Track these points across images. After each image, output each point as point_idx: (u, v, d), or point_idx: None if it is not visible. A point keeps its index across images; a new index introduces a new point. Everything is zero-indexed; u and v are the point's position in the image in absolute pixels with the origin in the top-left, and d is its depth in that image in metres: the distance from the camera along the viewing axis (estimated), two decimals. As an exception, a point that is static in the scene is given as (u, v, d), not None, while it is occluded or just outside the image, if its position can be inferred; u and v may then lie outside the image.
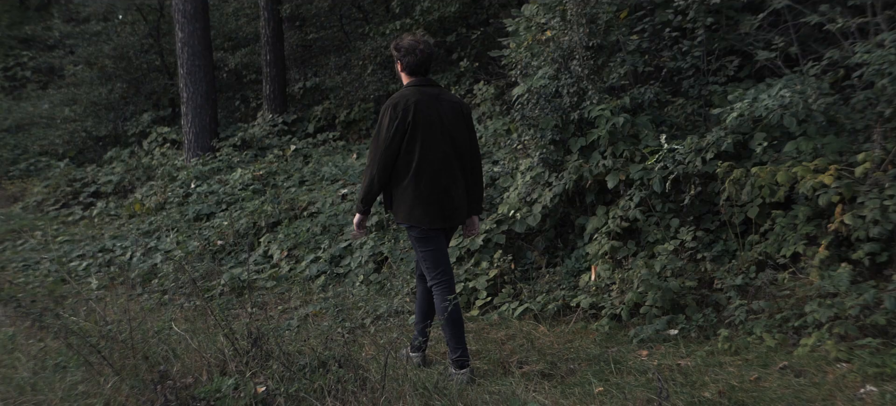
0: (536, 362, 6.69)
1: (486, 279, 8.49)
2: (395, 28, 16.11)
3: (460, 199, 6.62)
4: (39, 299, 9.03)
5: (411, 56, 6.57)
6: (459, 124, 6.62)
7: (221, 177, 15.28)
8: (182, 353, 6.24)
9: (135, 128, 21.24)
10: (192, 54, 17.10)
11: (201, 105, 17.22)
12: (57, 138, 22.17)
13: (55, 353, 6.96)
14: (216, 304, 6.45)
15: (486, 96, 13.23)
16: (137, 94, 22.77)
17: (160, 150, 18.69)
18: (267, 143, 17.22)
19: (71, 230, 15.39)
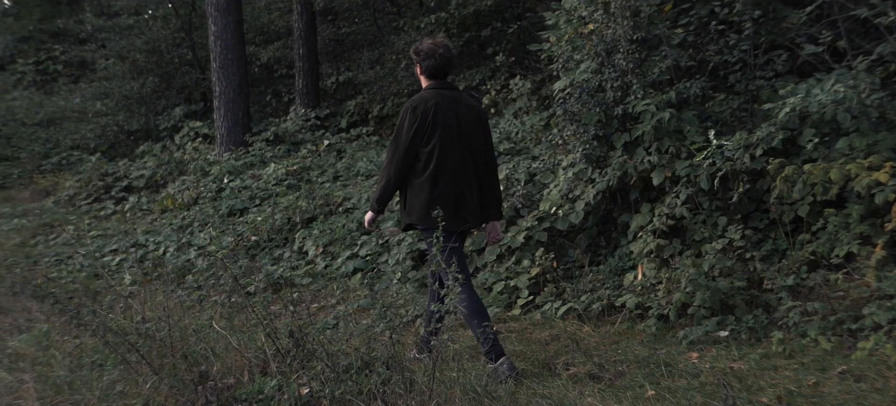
0: (583, 364, 6.50)
1: (527, 278, 8.31)
2: (430, 22, 15.95)
3: (475, 202, 6.63)
4: (76, 295, 8.91)
5: (430, 60, 6.62)
6: (477, 128, 6.67)
7: (254, 172, 15.18)
8: (221, 353, 6.10)
9: (166, 122, 21.19)
10: (224, 48, 17.01)
11: (234, 99, 17.13)
12: (89, 132, 22.15)
13: (91, 351, 6.84)
14: (258, 302, 6.27)
15: (522, 91, 13.09)
16: (169, 89, 22.71)
17: (192, 144, 18.61)
18: (300, 137, 17.11)
19: (103, 225, 15.33)
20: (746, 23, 8.28)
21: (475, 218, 6.66)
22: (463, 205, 6.53)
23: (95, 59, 24.81)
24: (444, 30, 16.25)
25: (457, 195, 6.50)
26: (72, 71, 28.67)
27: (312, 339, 5.56)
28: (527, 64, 14.59)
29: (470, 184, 6.58)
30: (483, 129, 6.73)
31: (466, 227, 6.67)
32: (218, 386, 5.25)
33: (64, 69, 28.83)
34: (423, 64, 6.67)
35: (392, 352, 5.42)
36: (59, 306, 6.24)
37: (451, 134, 6.47)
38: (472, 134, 6.60)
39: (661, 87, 8.65)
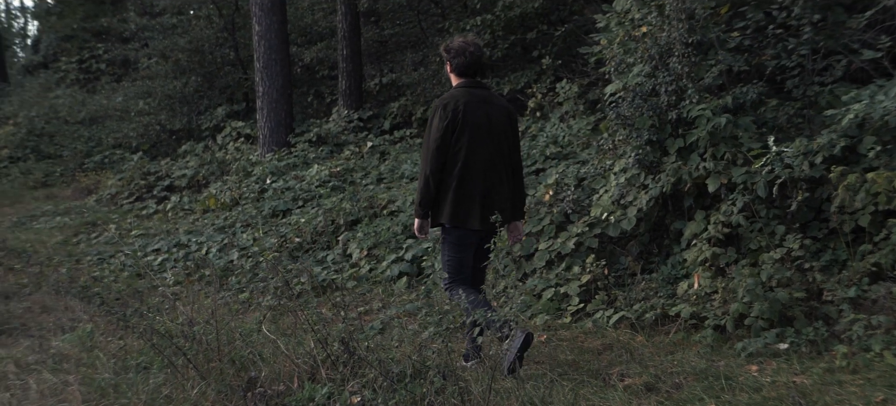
0: (639, 375, 6.31)
1: (578, 285, 8.13)
2: (476, 24, 15.81)
3: (503, 202, 6.63)
4: (123, 296, 8.84)
5: (460, 58, 6.63)
6: (506, 128, 6.69)
7: (297, 173, 15.09)
8: (269, 358, 5.97)
9: (209, 122, 21.16)
10: (268, 48, 16.95)
11: (277, 100, 17.07)
12: (131, 131, 22.19)
13: (136, 353, 6.75)
14: (309, 306, 6.15)
15: (568, 95, 12.92)
16: (212, 88, 22.70)
17: (234, 144, 18.57)
18: (343, 139, 17.02)
19: (145, 224, 15.30)
20: (805, 27, 8.09)
21: (503, 217, 6.49)
22: (490, 204, 6.50)
23: (138, 58, 24.87)
24: (489, 32, 16.11)
25: (484, 195, 6.51)
26: (114, 70, 28.76)
27: (363, 346, 5.41)
28: (574, 67, 14.41)
29: (500, 183, 6.61)
30: (512, 129, 6.76)
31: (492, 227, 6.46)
32: (267, 393, 5.12)
33: (107, 68, 28.92)
34: (453, 62, 6.68)
35: (445, 359, 5.25)
36: (106, 307, 6.14)
37: (481, 132, 6.48)
38: (501, 133, 6.62)
39: (716, 92, 8.46)
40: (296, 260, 11.11)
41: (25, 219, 17.42)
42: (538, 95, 13.96)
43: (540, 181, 10.55)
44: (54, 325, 8.46)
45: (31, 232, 15.89)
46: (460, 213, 6.47)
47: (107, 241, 14.32)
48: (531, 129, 13.29)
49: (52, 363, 6.91)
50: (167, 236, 13.80)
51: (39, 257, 12.92)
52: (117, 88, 25.83)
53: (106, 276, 11.27)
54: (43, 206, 18.82)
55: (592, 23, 9.87)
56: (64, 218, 16.90)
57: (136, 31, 24.71)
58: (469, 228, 6.54)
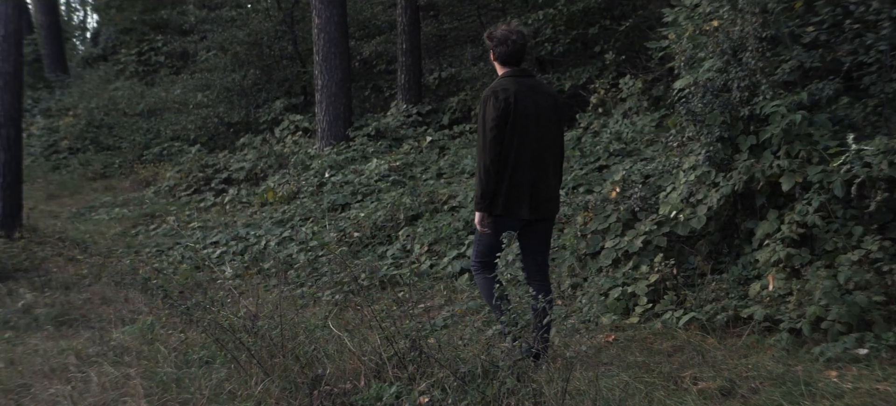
0: (713, 379, 6.12)
1: (646, 284, 7.92)
2: (537, 19, 15.62)
3: (551, 191, 6.69)
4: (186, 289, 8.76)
5: (503, 46, 6.60)
6: (553, 116, 6.69)
7: (356, 167, 14.98)
8: (333, 354, 5.84)
9: (267, 115, 21.11)
10: (328, 41, 16.86)
11: (336, 93, 16.97)
12: (189, 123, 22.19)
13: (198, 347, 6.65)
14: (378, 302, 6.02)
15: (632, 91, 12.71)
16: (270, 81, 22.66)
17: (292, 138, 18.50)
18: (401, 133, 16.88)
19: (203, 216, 15.26)
20: (884, 22, 7.83)
21: (552, 206, 6.72)
22: (537, 194, 6.53)
23: (197, 50, 24.90)
24: (550, 27, 15.93)
25: (532, 184, 6.50)
26: (173, 62, 28.83)
27: (431, 344, 5.26)
28: (637, 62, 14.20)
29: (547, 172, 6.62)
30: (559, 117, 6.77)
31: (539, 216, 6.62)
32: (333, 391, 4.99)
33: (165, 60, 29.01)
34: (496, 50, 6.65)
35: (516, 359, 5.08)
36: (169, 300, 6.04)
37: (530, 121, 6.46)
38: (549, 122, 6.62)
39: (791, 88, 8.21)
40: (355, 255, 11.00)
41: (85, 210, 17.48)
42: (600, 91, 13.75)
43: (604, 178, 10.38)
44: (115, 316, 8.41)
45: (91, 223, 15.93)
46: (511, 202, 6.45)
47: (165, 233, 14.31)
48: (593, 126, 13.09)
49: (113, 356, 6.84)
50: (225, 229, 13.75)
51: (99, 248, 12.92)
52: (176, 81, 25.84)
53: (165, 268, 11.23)
54: (102, 197, 18.88)
55: (658, 17, 9.67)
56: (122, 209, 16.94)
57: (195, 24, 24.70)
58: (516, 217, 6.52)
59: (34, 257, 11.10)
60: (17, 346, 7.63)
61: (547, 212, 6.70)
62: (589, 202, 9.26)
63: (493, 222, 6.52)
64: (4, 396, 6.28)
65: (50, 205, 18.42)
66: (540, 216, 6.63)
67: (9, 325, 8.39)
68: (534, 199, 6.51)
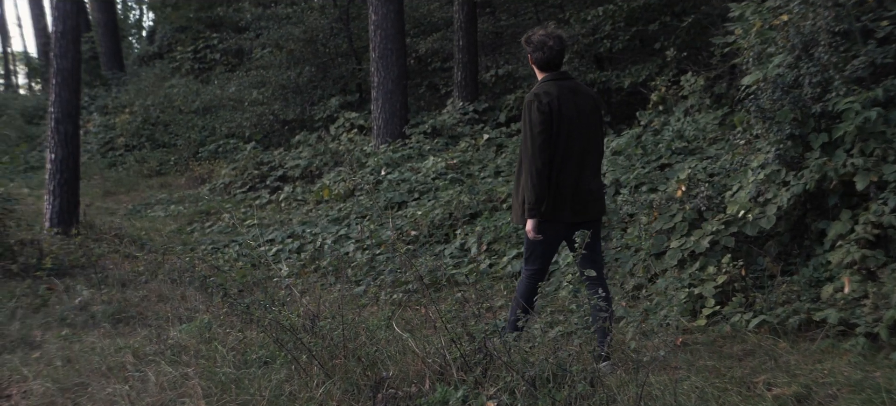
0: (787, 385, 5.89)
1: (713, 286, 7.70)
2: (597, 15, 15.41)
3: (596, 192, 6.67)
4: (246, 288, 8.65)
5: (541, 52, 6.59)
6: (594, 118, 6.66)
7: (413, 164, 14.85)
8: (396, 356, 5.69)
9: (322, 112, 21.04)
10: (384, 37, 16.74)
11: (392, 90, 16.84)
12: (244, 121, 22.17)
13: (256, 346, 6.52)
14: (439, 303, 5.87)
15: (694, 88, 12.47)
16: (325, 79, 22.59)
17: (347, 135, 18.40)
18: (458, 131, 16.73)
19: (258, 214, 15.19)
20: (961, 16, 7.57)
21: (598, 208, 6.70)
22: (581, 196, 6.52)
23: (252, 47, 24.89)
24: (610, 23, 15.71)
25: (575, 186, 6.49)
26: (228, 59, 28.88)
27: (497, 346, 5.09)
28: (699, 59, 13.94)
29: (592, 173, 6.62)
30: (599, 118, 6.73)
31: (585, 219, 6.56)
32: (398, 394, 4.83)
33: (221, 58, 29.07)
34: (534, 55, 6.64)
35: (587, 362, 4.90)
36: (228, 299, 5.91)
37: (574, 124, 6.45)
38: (590, 123, 6.59)
39: (863, 84, 7.94)
40: (413, 254, 10.86)
41: (140, 207, 17.51)
42: (661, 89, 13.51)
43: (667, 176, 10.17)
44: (171, 314, 8.30)
45: (146, 220, 15.94)
46: (556, 205, 6.44)
47: (220, 231, 14.27)
48: (654, 124, 12.86)
49: (171, 355, 6.72)
50: (281, 227, 13.68)
51: (155, 245, 12.88)
52: (231, 78, 25.86)
53: (221, 265, 11.16)
54: (157, 194, 18.92)
55: (721, 13, 9.45)
56: (178, 206, 16.95)
57: (250, 21, 24.68)
58: (562, 221, 6.50)
59: (91, 254, 11.05)
60: (74, 343, 7.54)
61: (593, 214, 6.67)
62: (653, 201, 9.05)
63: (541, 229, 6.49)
64: (62, 395, 6.20)
65: (106, 201, 18.48)
66: (585, 218, 6.57)
67: (66, 322, 8.33)
68: (577, 202, 6.50)
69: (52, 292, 9.46)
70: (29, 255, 10.60)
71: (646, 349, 5.17)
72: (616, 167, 10.88)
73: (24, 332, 7.99)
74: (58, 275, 10.14)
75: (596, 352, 6.11)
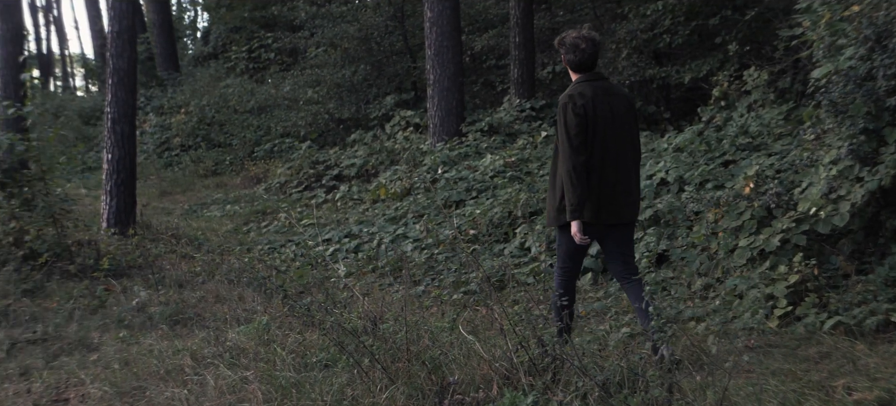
0: (869, 389, 5.63)
1: (785, 285, 7.44)
2: (657, 9, 15.16)
3: (631, 193, 6.58)
4: (306, 289, 8.53)
5: (573, 54, 6.52)
6: (630, 118, 6.61)
7: (470, 163, 14.67)
8: (459, 358, 5.52)
9: (377, 111, 20.95)
10: (440, 35, 16.58)
11: (448, 88, 16.68)
12: (299, 120, 22.15)
13: (317, 349, 6.38)
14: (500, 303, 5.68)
15: (758, 83, 12.18)
16: (380, 77, 22.50)
17: (403, 133, 18.27)
18: (515, 128, 16.53)
19: (314, 213, 15.10)
20: None
21: (633, 209, 6.61)
22: (617, 197, 6.44)
23: (307, 46, 24.85)
24: (669, 17, 15.44)
25: (613, 188, 6.42)
26: (283, 59, 28.90)
27: (571, 350, 4.90)
28: (762, 53, 13.64)
29: (627, 174, 6.54)
30: (633, 119, 6.66)
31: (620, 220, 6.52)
32: (465, 400, 4.66)
33: (275, 57, 29.08)
34: (566, 57, 6.59)
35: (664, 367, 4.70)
36: (289, 300, 5.78)
37: (608, 125, 6.40)
38: (627, 124, 6.54)
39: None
40: (473, 253, 10.68)
41: (197, 206, 17.53)
42: (724, 84, 13.22)
43: (732, 173, 9.92)
44: (229, 315, 8.21)
45: (203, 220, 15.92)
46: (594, 207, 6.34)
47: (277, 230, 14.21)
48: (716, 120, 12.58)
49: (229, 357, 6.61)
50: (338, 226, 13.58)
51: (211, 245, 12.82)
52: (285, 77, 25.87)
53: (278, 265, 11.07)
54: (213, 194, 18.93)
55: (784, 6, 9.18)
56: (234, 206, 16.93)
57: (304, 20, 24.64)
58: (600, 223, 6.42)
59: (148, 254, 11.01)
60: (131, 345, 7.47)
61: (629, 215, 6.60)
62: (720, 198, 8.81)
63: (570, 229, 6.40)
64: (119, 399, 6.11)
65: (163, 202, 18.52)
66: (622, 220, 6.54)
67: (123, 323, 8.27)
68: (615, 204, 6.42)
69: (110, 293, 9.42)
70: (86, 256, 10.58)
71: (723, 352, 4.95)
72: (679, 164, 10.63)
73: (81, 334, 7.94)
74: (115, 275, 10.10)
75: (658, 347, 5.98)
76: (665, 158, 11.03)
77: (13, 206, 10.60)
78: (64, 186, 13.96)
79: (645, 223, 9.35)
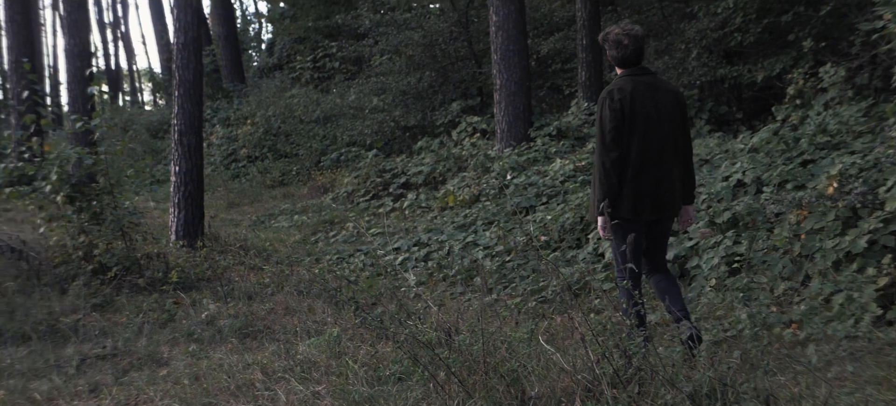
0: (973, 399, 5.36)
1: (874, 289, 7.14)
2: (728, 7, 14.83)
3: (674, 190, 6.54)
4: (378, 300, 8.36)
5: (615, 50, 6.51)
6: (675, 113, 6.52)
7: (539, 168, 14.44)
8: (539, 371, 5.30)
9: (443, 117, 20.81)
10: (506, 39, 16.36)
11: (515, 92, 16.46)
12: (365, 128, 22.09)
13: (390, 362, 6.20)
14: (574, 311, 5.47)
15: (834, 79, 11.83)
16: (445, 83, 22.37)
17: (470, 140, 18.09)
18: (584, 132, 16.28)
19: (382, 222, 14.96)
20: None
21: (675, 206, 6.57)
22: (660, 194, 6.41)
23: (371, 54, 24.79)
24: (741, 15, 15.11)
25: (655, 184, 6.39)
26: (347, 67, 28.90)
27: (659, 359, 4.68)
28: (838, 49, 13.28)
29: (670, 171, 6.48)
30: (681, 114, 6.58)
31: (662, 216, 6.51)
32: (549, 415, 4.45)
33: (340, 66, 29.09)
34: (610, 53, 6.59)
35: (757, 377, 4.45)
36: (362, 313, 5.60)
37: (650, 120, 6.35)
38: (669, 119, 6.45)
39: None
40: (542, 260, 10.46)
41: (264, 217, 17.48)
42: (799, 81, 12.88)
43: (811, 173, 9.59)
44: (299, 327, 8.07)
45: (271, 230, 15.85)
46: (636, 204, 6.33)
47: (345, 240, 14.09)
48: (792, 118, 12.25)
49: (300, 371, 6.45)
50: (406, 234, 13.42)
51: (280, 256, 12.73)
52: (350, 86, 25.86)
53: (347, 275, 10.93)
54: (281, 204, 18.89)
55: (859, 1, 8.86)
56: (302, 216, 16.85)
57: (368, 28, 24.60)
58: (642, 220, 6.41)
59: (216, 266, 10.93)
60: (201, 359, 7.35)
61: (670, 211, 6.56)
62: (801, 199, 8.51)
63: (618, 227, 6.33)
64: (190, 416, 5.98)
65: (230, 213, 18.50)
66: (662, 216, 6.52)
67: (193, 337, 8.16)
68: (657, 200, 6.40)
69: (179, 306, 9.34)
70: (155, 269, 10.54)
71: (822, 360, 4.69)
72: (756, 164, 10.32)
73: (151, 349, 7.85)
74: (184, 288, 10.03)
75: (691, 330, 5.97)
76: (741, 159, 10.73)
77: (82, 220, 10.60)
78: (132, 199, 13.97)
79: (723, 226, 9.07)
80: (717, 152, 12.17)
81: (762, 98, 15.91)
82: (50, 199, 10.59)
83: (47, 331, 8.44)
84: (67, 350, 7.88)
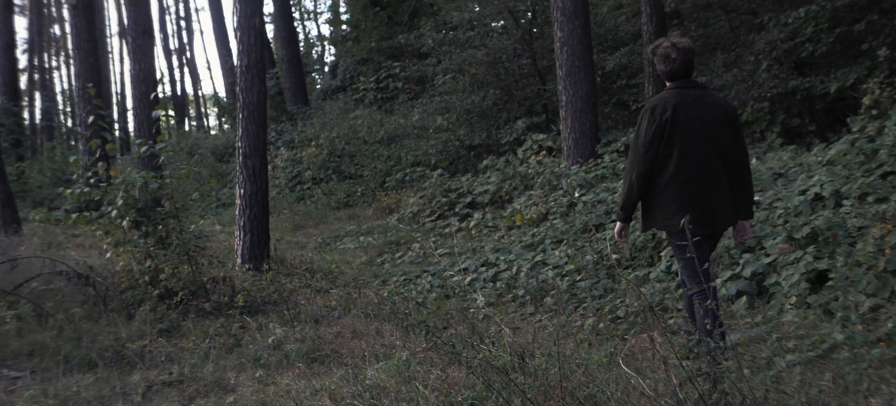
0: None
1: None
2: (798, 17, 14.49)
3: (722, 204, 6.44)
4: (449, 323, 8.17)
5: (663, 64, 6.47)
6: (723, 127, 6.44)
7: (607, 184, 14.19)
8: (618, 395, 5.08)
9: (508, 135, 20.64)
10: (571, 54, 16.17)
11: (581, 108, 16.25)
12: (429, 148, 22.01)
13: (461, 387, 6.01)
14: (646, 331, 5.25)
15: (912, 88, 11.49)
16: (510, 101, 22.20)
17: (536, 157, 17.88)
18: (652, 148, 15.99)
19: (449, 242, 14.79)
20: None
21: (725, 220, 6.48)
22: (708, 207, 6.34)
23: (434, 74, 24.70)
24: (812, 25, 14.77)
25: (701, 197, 6.32)
26: (411, 87, 28.88)
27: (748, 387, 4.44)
28: (916, 58, 12.93)
29: (717, 184, 6.40)
30: (731, 127, 6.49)
31: (711, 231, 6.44)
32: (631, 444, 4.23)
33: (403, 86, 29.07)
34: (658, 67, 6.53)
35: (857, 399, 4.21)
36: (433, 337, 5.42)
37: (695, 134, 6.31)
38: (717, 133, 6.39)
39: None
40: (614, 279, 10.22)
41: (330, 239, 17.41)
42: (875, 91, 12.53)
43: (892, 185, 9.28)
44: (367, 351, 7.90)
45: (336, 252, 15.75)
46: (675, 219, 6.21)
47: (411, 261, 13.93)
48: (868, 129, 11.90)
49: (369, 397, 6.29)
50: (473, 254, 13.23)
51: (346, 278, 12.61)
52: (414, 106, 25.82)
53: (415, 297, 10.77)
54: (346, 226, 18.81)
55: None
56: (367, 238, 16.74)
57: (432, 47, 24.52)
58: (694, 234, 6.05)
59: (282, 289, 10.84)
60: (268, 386, 7.21)
61: (720, 226, 6.49)
62: (885, 212, 8.21)
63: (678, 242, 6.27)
64: (257, 445, 5.82)
65: (296, 235, 18.46)
66: (712, 230, 6.46)
67: (260, 362, 8.03)
68: (706, 214, 6.32)
69: (245, 331, 9.24)
70: (221, 293, 10.48)
71: None
72: (834, 177, 10.02)
73: (217, 375, 7.73)
74: (250, 312, 9.93)
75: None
76: (818, 172, 10.43)
77: (148, 245, 10.56)
78: (198, 223, 13.94)
79: (802, 241, 8.77)
80: (792, 166, 11.86)
81: (835, 109, 15.54)
82: (116, 225, 10.56)
83: (114, 357, 8.37)
84: (134, 377, 7.79)
